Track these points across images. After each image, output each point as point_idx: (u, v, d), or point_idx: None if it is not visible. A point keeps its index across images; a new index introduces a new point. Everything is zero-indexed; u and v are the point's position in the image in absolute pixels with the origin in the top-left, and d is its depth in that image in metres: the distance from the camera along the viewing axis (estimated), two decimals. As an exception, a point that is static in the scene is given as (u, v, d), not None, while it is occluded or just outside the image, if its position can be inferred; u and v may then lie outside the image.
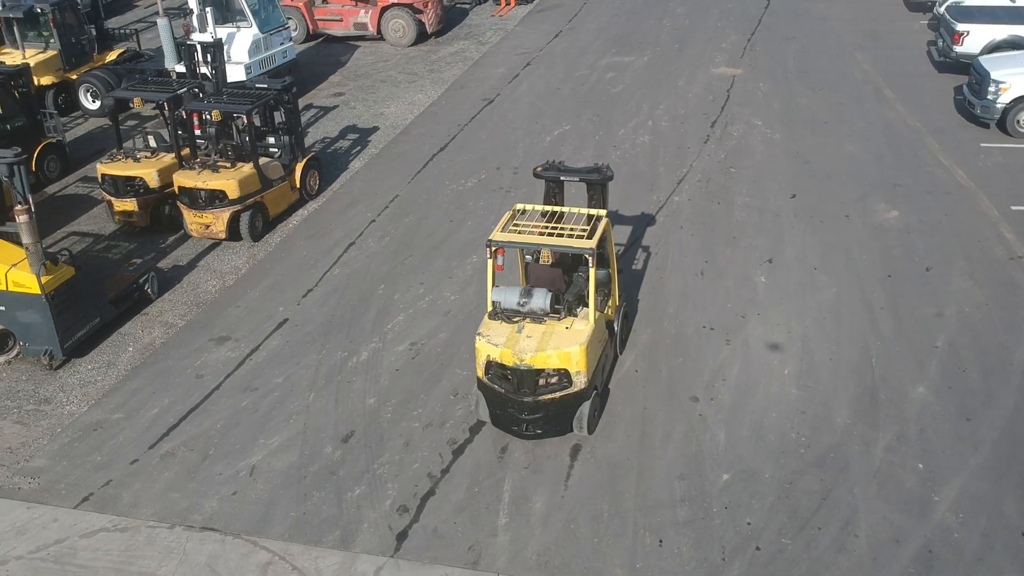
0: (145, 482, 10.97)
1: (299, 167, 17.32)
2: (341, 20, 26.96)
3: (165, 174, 16.36)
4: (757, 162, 18.37)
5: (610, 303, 12.32)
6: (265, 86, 17.18)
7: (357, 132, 20.91)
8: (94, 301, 13.61)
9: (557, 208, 12.02)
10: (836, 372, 12.24)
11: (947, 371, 12.15)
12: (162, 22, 21.02)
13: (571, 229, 11.31)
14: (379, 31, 26.77)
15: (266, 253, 16.06)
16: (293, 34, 27.12)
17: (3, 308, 12.88)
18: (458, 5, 30.63)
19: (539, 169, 12.45)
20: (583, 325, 11.06)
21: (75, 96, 22.30)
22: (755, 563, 9.50)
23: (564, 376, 10.84)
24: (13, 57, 22.16)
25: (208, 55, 18.27)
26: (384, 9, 26.48)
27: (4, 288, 12.74)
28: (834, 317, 13.40)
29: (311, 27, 27.16)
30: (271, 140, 17.36)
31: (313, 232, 16.64)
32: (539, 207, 12.06)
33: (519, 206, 12.05)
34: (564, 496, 10.51)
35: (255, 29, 21.44)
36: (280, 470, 11.07)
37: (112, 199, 16.61)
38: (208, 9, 20.97)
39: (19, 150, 12.98)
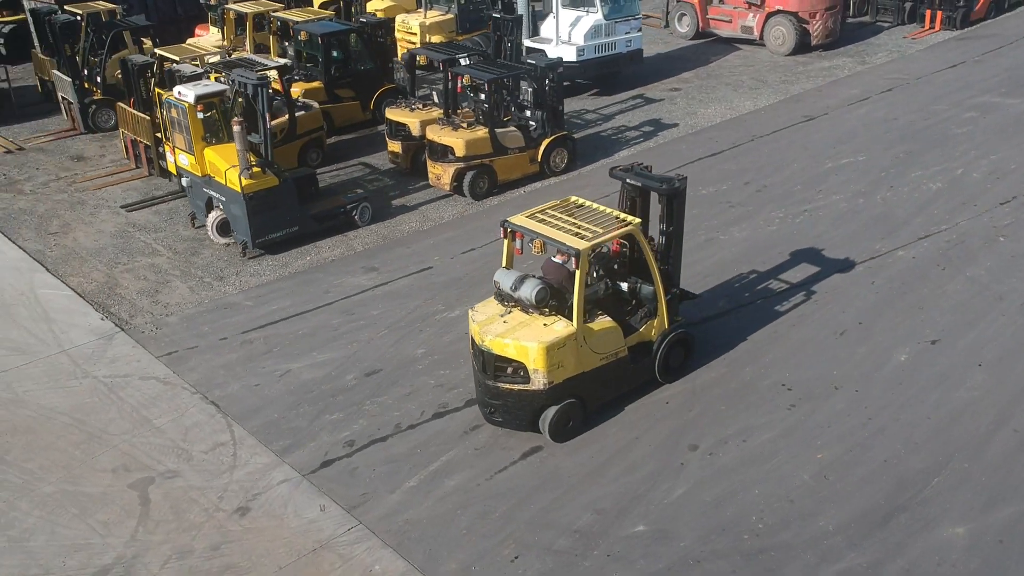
0: (214, 355, 13.05)
1: (545, 142, 18.10)
2: (730, 22, 26.58)
3: (426, 125, 18.29)
4: (1049, 239, 14.91)
5: (653, 322, 11.48)
6: (533, 63, 18.16)
7: (652, 126, 20.91)
8: (297, 212, 16.04)
9: (604, 209, 11.39)
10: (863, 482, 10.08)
11: None
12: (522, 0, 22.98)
13: (584, 227, 10.81)
14: (761, 36, 25.92)
15: (476, 212, 17.26)
16: (684, 30, 27.59)
17: (224, 200, 15.85)
18: (877, 22, 28.16)
19: (615, 169, 11.92)
20: (562, 327, 10.59)
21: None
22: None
23: (522, 370, 10.55)
24: (417, 15, 25.87)
25: (509, 28, 19.75)
26: (770, 15, 25.54)
27: (224, 183, 15.67)
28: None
29: (701, 24, 27.19)
30: (527, 112, 18.36)
31: (526, 204, 17.37)
32: (595, 204, 11.58)
33: (574, 198, 11.72)
34: (480, 485, 10.35)
35: (600, 15, 22.35)
36: (302, 381, 12.39)
37: (388, 140, 19.06)
38: (561, -9, 22.38)
39: (265, 76, 15.79)
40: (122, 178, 19.46)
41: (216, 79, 16.79)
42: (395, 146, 18.85)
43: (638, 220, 11.10)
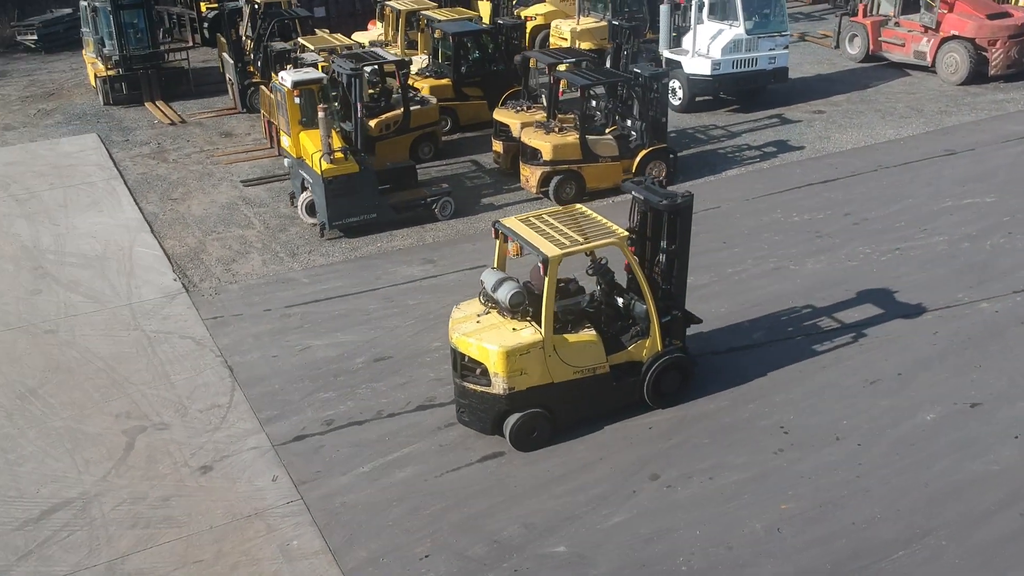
0: (252, 324, 13.75)
1: (642, 154, 17.65)
2: (903, 45, 24.67)
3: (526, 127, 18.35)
4: None
5: (644, 342, 10.98)
6: (638, 71, 17.74)
7: (776, 147, 19.83)
8: (375, 200, 16.57)
9: (604, 221, 10.98)
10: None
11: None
12: (664, 8, 22.40)
13: (568, 235, 10.49)
14: (933, 63, 23.88)
15: (556, 217, 17.12)
16: (854, 52, 25.98)
17: (311, 182, 16.63)
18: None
19: (626, 181, 11.48)
20: (528, 334, 10.35)
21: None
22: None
23: (485, 372, 10.41)
24: (571, 22, 25.90)
25: (627, 36, 19.42)
26: (944, 40, 23.48)
27: (311, 166, 16.44)
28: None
29: (872, 47, 25.40)
30: (629, 122, 17.98)
31: (608, 213, 17.00)
32: (597, 216, 11.18)
33: (579, 207, 11.40)
34: (427, 481, 10.33)
35: (742, 29, 21.45)
36: (315, 358, 12.82)
37: (493, 139, 19.27)
38: (705, 3, 21.68)
39: (359, 68, 16.45)
40: (254, 156, 20.83)
41: (323, 68, 17.66)
42: (498, 146, 19.05)
43: (624, 233, 10.66)
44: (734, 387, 11.68)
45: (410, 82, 22.06)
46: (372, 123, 19.24)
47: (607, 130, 18.19)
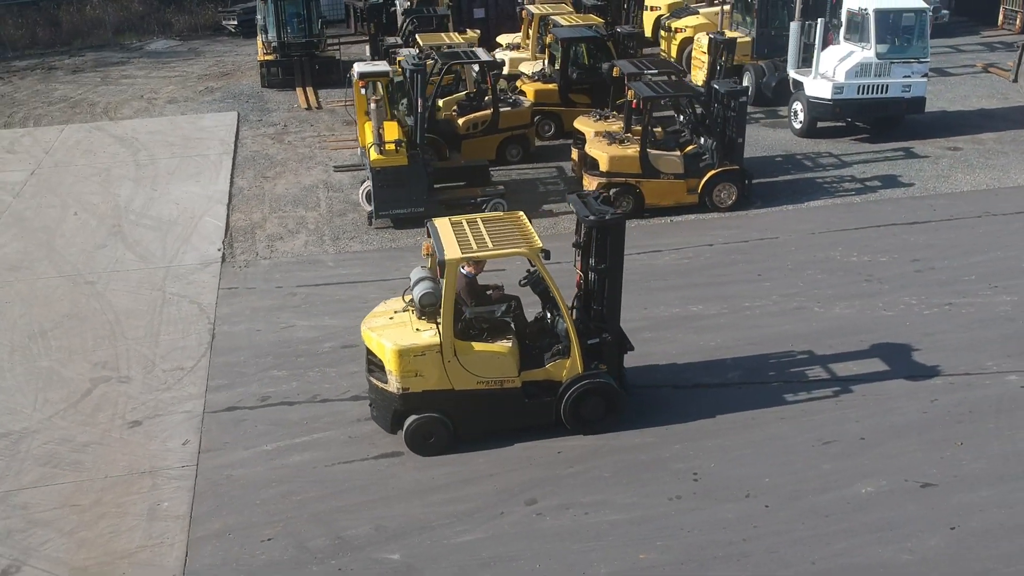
0: (257, 299, 14.29)
1: (710, 174, 16.67)
2: (1087, 82, 21.70)
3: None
4: None
5: (564, 362, 10.42)
6: (716, 87, 16.77)
7: (881, 182, 18.00)
8: (424, 194, 16.70)
9: (530, 232, 10.49)
10: None
11: None
12: (794, 25, 20.94)
13: (483, 241, 10.12)
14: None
15: (605, 230, 16.51)
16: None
17: (368, 173, 17.04)
18: None
19: (571, 194, 10.90)
20: (428, 336, 10.09)
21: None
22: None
23: (383, 369, 10.26)
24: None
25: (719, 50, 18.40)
26: None
27: (368, 157, 16.85)
28: None
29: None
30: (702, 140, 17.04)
31: (662, 231, 16.22)
32: (528, 227, 10.62)
33: (520, 214, 10.97)
34: (315, 469, 10.35)
35: (872, 52, 19.67)
36: (292, 337, 13.15)
37: (572, 147, 18.89)
38: (832, 22, 20.12)
39: (421, 63, 16.67)
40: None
41: (400, 63, 18.04)
42: (574, 154, 18.62)
43: (537, 245, 10.12)
44: (671, 424, 10.81)
45: (518, 84, 22.18)
46: (460, 121, 19.48)
47: (688, 147, 17.36)
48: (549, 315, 10.82)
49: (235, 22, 34.15)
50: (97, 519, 9.68)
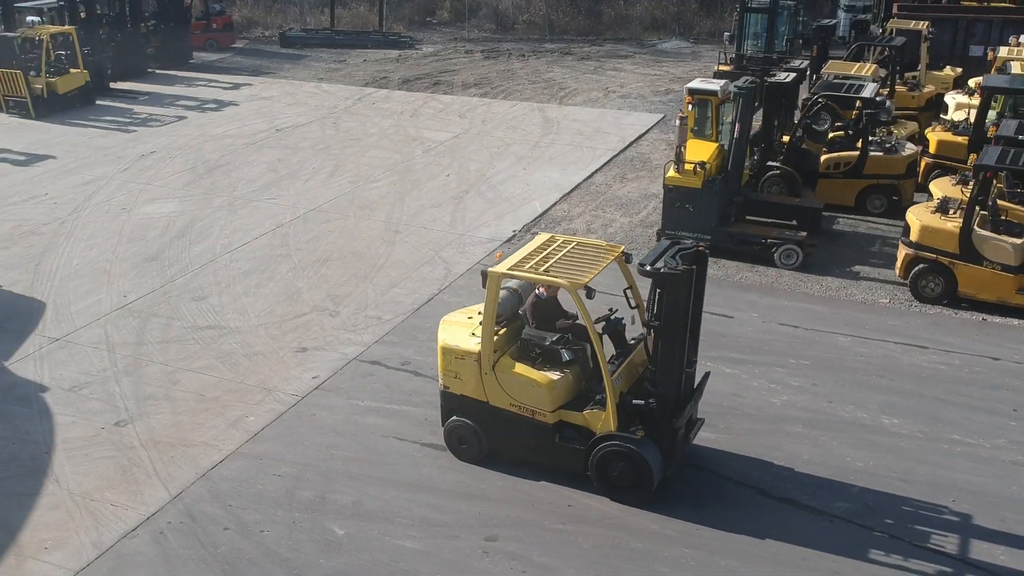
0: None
1: None
2: None
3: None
4: None
5: (600, 413, 9.61)
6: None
7: None
8: (713, 223, 15.73)
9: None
10: None
11: None
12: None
13: (547, 261, 9.68)
14: None
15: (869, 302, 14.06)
16: None
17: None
18: None
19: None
20: (472, 343, 10.05)
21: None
22: None
23: (439, 362, 10.50)
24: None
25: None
26: None
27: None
28: None
29: None
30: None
31: (927, 325, 13.29)
32: (602, 263, 9.71)
33: (618, 248, 10.07)
34: (367, 431, 11.00)
35: None
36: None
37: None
38: None
39: (742, 88, 15.64)
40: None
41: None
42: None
43: (580, 281, 9.29)
44: (706, 526, 9.31)
45: (927, 132, 19.31)
46: (823, 158, 17.79)
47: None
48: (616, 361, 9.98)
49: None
50: (203, 411, 11.54)
